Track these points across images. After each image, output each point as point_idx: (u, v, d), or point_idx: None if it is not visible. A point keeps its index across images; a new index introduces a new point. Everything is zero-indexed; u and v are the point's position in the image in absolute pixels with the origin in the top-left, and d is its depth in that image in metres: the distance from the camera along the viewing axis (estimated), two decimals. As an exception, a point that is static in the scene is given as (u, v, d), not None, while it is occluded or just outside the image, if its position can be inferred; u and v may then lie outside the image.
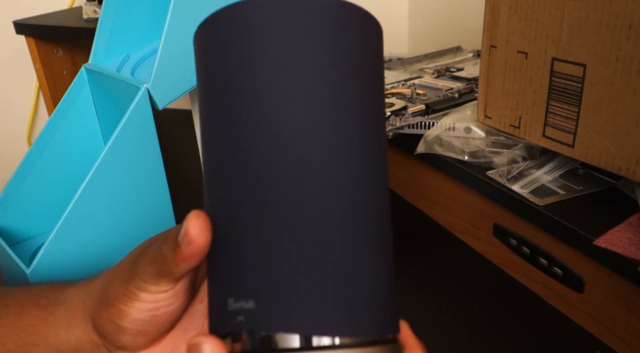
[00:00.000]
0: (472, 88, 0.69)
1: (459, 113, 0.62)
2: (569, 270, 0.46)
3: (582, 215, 0.46)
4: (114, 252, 0.45)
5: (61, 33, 0.81)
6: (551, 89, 0.49)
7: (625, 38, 0.42)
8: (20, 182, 0.50)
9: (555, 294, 0.48)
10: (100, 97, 0.51)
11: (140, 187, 0.45)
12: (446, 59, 0.85)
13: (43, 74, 0.86)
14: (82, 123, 0.52)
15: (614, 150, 0.44)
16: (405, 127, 0.62)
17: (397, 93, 0.70)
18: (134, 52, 0.52)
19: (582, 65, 0.45)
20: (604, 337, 0.45)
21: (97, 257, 0.44)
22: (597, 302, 0.45)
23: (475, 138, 0.58)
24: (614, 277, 0.42)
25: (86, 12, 0.81)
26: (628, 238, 0.42)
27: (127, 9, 0.50)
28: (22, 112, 1.13)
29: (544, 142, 0.51)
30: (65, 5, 1.01)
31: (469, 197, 0.56)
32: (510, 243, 0.52)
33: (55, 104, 0.87)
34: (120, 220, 0.45)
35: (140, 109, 0.43)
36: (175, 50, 0.43)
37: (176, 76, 0.44)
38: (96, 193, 0.43)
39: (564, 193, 0.49)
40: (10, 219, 0.51)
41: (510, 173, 0.52)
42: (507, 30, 0.52)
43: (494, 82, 0.55)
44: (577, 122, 0.47)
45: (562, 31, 0.47)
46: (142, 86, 0.43)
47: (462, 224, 0.59)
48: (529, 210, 0.48)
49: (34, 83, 1.08)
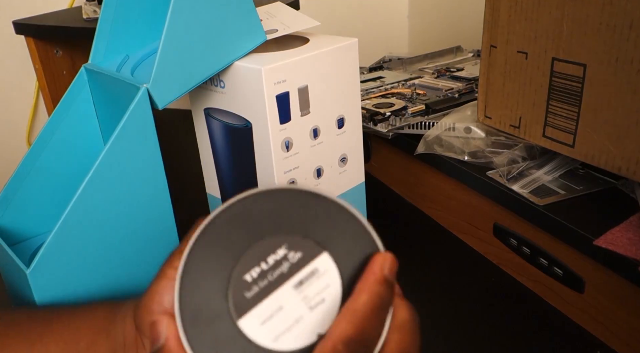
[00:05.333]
0: (472, 88, 0.69)
1: (459, 113, 0.62)
2: (569, 270, 0.46)
3: (582, 215, 0.46)
4: (114, 251, 0.45)
5: (61, 33, 0.80)
6: (551, 89, 0.49)
7: (625, 38, 0.42)
8: (20, 182, 0.50)
9: (555, 294, 0.48)
10: (100, 97, 0.51)
11: (140, 187, 0.45)
12: (446, 59, 0.85)
13: (43, 74, 0.86)
14: (82, 123, 0.52)
15: (614, 150, 0.44)
16: (405, 127, 0.62)
17: (397, 93, 0.70)
18: (134, 52, 0.52)
19: (582, 65, 0.45)
20: (604, 337, 0.45)
21: (97, 256, 0.44)
22: (597, 302, 0.45)
23: (475, 138, 0.58)
24: (614, 277, 0.42)
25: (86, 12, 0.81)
26: (628, 239, 0.42)
27: (127, 8, 0.50)
28: (22, 112, 1.13)
29: (544, 142, 0.51)
30: (65, 5, 1.00)
31: (469, 197, 0.56)
32: (510, 243, 0.52)
33: (55, 104, 0.86)
34: (120, 220, 0.45)
35: (140, 109, 0.43)
36: (175, 50, 0.43)
37: (176, 76, 0.44)
38: (96, 193, 0.43)
39: (564, 193, 0.49)
40: (10, 219, 0.51)
41: (510, 173, 0.52)
42: (507, 30, 0.52)
43: (494, 82, 0.55)
44: (577, 122, 0.47)
45: (562, 31, 0.46)
46: (142, 86, 0.42)
47: (462, 224, 0.59)
48: (529, 210, 0.48)
49: (33, 83, 1.08)
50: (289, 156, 0.48)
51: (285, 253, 0.25)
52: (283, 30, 0.51)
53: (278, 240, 0.26)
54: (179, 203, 0.51)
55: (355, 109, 0.52)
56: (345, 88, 0.50)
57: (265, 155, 0.47)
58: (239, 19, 0.46)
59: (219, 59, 0.46)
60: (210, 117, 0.51)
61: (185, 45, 0.43)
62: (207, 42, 0.45)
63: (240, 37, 0.47)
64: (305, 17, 0.53)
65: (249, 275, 0.25)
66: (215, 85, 0.49)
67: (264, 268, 0.25)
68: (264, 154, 0.47)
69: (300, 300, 0.25)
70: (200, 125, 0.53)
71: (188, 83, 0.45)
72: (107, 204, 0.44)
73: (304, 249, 0.26)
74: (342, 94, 0.50)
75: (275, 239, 0.25)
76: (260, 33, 0.49)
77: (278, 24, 0.53)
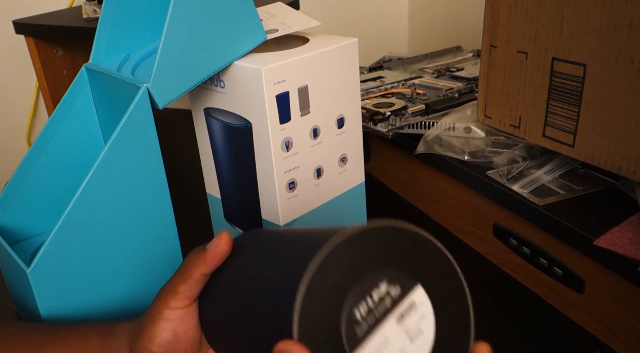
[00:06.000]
0: (472, 88, 0.69)
1: (459, 113, 0.62)
2: (569, 270, 0.46)
3: (582, 215, 0.46)
4: (114, 251, 0.45)
5: (61, 33, 0.80)
6: (551, 88, 0.49)
7: (625, 38, 0.42)
8: (21, 181, 0.50)
9: (555, 294, 0.48)
10: (101, 97, 0.51)
11: (140, 187, 0.45)
12: (446, 59, 0.85)
13: (43, 74, 0.86)
14: (82, 123, 0.52)
15: (614, 150, 0.44)
16: (405, 127, 0.62)
17: (397, 93, 0.70)
18: (134, 51, 0.52)
19: (582, 65, 0.45)
20: (604, 337, 0.45)
21: (97, 256, 0.44)
22: (597, 302, 0.45)
23: (475, 138, 0.58)
24: (614, 277, 0.42)
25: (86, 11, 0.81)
26: (628, 238, 0.42)
27: (127, 8, 0.50)
28: (22, 111, 1.13)
29: (544, 142, 0.51)
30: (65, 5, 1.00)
31: (469, 197, 0.56)
32: (510, 243, 0.52)
33: (55, 103, 0.86)
34: (120, 219, 0.45)
35: (140, 109, 0.43)
36: (175, 49, 0.43)
37: (176, 76, 0.44)
38: (96, 193, 0.43)
39: (564, 193, 0.49)
40: (10, 218, 0.51)
41: (510, 173, 0.52)
42: (507, 30, 0.52)
43: (494, 82, 0.55)
44: (577, 122, 0.47)
45: (562, 31, 0.47)
46: (142, 86, 0.42)
47: (462, 224, 0.59)
48: (529, 210, 0.48)
49: (33, 83, 1.08)
50: (289, 156, 0.48)
51: (387, 287, 0.26)
52: (283, 30, 0.51)
53: (378, 274, 0.26)
54: (179, 203, 0.51)
55: (355, 108, 0.52)
56: (345, 88, 0.50)
57: (265, 155, 0.47)
58: (239, 19, 0.46)
59: (219, 58, 0.46)
60: (210, 117, 0.51)
61: (185, 45, 0.43)
62: (207, 41, 0.45)
63: (240, 36, 0.47)
64: (306, 17, 0.53)
65: (358, 311, 0.26)
66: (215, 85, 0.49)
67: (370, 304, 0.26)
68: (264, 153, 0.47)
69: (403, 332, 0.26)
70: (200, 125, 0.53)
71: (188, 83, 0.45)
72: (107, 204, 0.44)
73: (401, 282, 0.27)
74: (342, 93, 0.50)
75: (376, 273, 0.26)
76: (261, 33, 0.49)
77: (278, 24, 0.53)
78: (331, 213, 0.55)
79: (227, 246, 0.32)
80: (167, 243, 0.48)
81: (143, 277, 0.48)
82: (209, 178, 0.55)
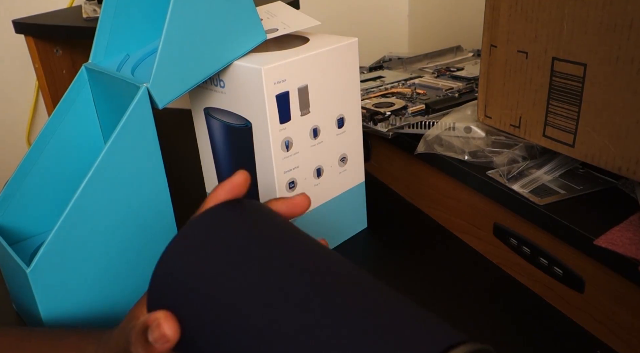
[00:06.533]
0: (472, 87, 0.69)
1: (459, 113, 0.62)
2: (569, 270, 0.46)
3: (582, 215, 0.46)
4: (114, 251, 0.45)
5: (61, 32, 0.80)
6: (551, 88, 0.49)
7: (625, 38, 0.42)
8: (20, 181, 0.50)
9: (555, 294, 0.48)
10: (101, 97, 0.51)
11: (140, 187, 0.45)
12: (446, 59, 0.85)
13: (42, 73, 0.86)
14: (82, 122, 0.52)
15: (615, 149, 0.44)
16: (405, 126, 0.62)
17: (397, 93, 0.70)
18: (134, 51, 0.52)
19: (583, 64, 0.45)
20: (604, 337, 0.45)
21: (97, 255, 0.44)
22: (597, 302, 0.45)
23: (475, 138, 0.58)
24: (614, 277, 0.42)
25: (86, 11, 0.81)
26: (628, 238, 0.42)
27: (127, 8, 0.50)
28: (22, 111, 1.13)
29: (544, 141, 0.51)
30: (65, 5, 1.00)
31: (469, 196, 0.56)
32: (510, 243, 0.52)
33: (54, 103, 0.86)
34: (120, 219, 0.45)
35: (140, 109, 0.43)
36: (175, 49, 0.43)
37: (176, 75, 0.44)
38: (96, 193, 0.43)
39: (564, 193, 0.49)
40: (10, 218, 0.51)
41: (511, 173, 0.52)
42: (507, 30, 0.52)
43: (494, 81, 0.55)
44: (577, 122, 0.47)
45: (563, 31, 0.46)
46: (142, 85, 0.42)
47: (462, 224, 0.59)
48: (529, 210, 0.48)
49: (33, 82, 1.08)
50: (289, 156, 0.48)
51: None
52: (283, 29, 0.51)
53: None
54: (179, 203, 0.51)
55: (355, 108, 0.52)
56: (345, 88, 0.50)
57: (265, 155, 0.47)
58: (239, 19, 0.46)
59: (218, 58, 0.46)
60: (210, 117, 0.51)
61: (185, 45, 0.43)
62: (207, 41, 0.45)
63: (240, 36, 0.47)
64: (306, 17, 0.53)
65: None
66: (215, 85, 0.49)
67: None
68: (264, 153, 0.47)
69: None
70: (200, 125, 0.53)
71: (188, 82, 0.45)
72: (107, 203, 0.44)
73: None
74: (342, 93, 0.50)
75: None
76: (261, 32, 0.49)
77: (278, 24, 0.53)
78: (331, 213, 0.55)
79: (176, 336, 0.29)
80: (166, 242, 0.48)
81: (143, 277, 0.48)
82: (209, 179, 0.55)
